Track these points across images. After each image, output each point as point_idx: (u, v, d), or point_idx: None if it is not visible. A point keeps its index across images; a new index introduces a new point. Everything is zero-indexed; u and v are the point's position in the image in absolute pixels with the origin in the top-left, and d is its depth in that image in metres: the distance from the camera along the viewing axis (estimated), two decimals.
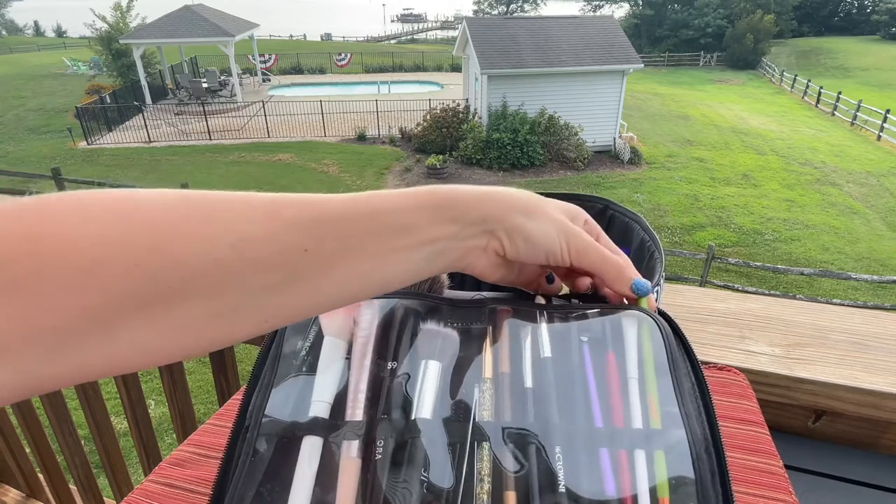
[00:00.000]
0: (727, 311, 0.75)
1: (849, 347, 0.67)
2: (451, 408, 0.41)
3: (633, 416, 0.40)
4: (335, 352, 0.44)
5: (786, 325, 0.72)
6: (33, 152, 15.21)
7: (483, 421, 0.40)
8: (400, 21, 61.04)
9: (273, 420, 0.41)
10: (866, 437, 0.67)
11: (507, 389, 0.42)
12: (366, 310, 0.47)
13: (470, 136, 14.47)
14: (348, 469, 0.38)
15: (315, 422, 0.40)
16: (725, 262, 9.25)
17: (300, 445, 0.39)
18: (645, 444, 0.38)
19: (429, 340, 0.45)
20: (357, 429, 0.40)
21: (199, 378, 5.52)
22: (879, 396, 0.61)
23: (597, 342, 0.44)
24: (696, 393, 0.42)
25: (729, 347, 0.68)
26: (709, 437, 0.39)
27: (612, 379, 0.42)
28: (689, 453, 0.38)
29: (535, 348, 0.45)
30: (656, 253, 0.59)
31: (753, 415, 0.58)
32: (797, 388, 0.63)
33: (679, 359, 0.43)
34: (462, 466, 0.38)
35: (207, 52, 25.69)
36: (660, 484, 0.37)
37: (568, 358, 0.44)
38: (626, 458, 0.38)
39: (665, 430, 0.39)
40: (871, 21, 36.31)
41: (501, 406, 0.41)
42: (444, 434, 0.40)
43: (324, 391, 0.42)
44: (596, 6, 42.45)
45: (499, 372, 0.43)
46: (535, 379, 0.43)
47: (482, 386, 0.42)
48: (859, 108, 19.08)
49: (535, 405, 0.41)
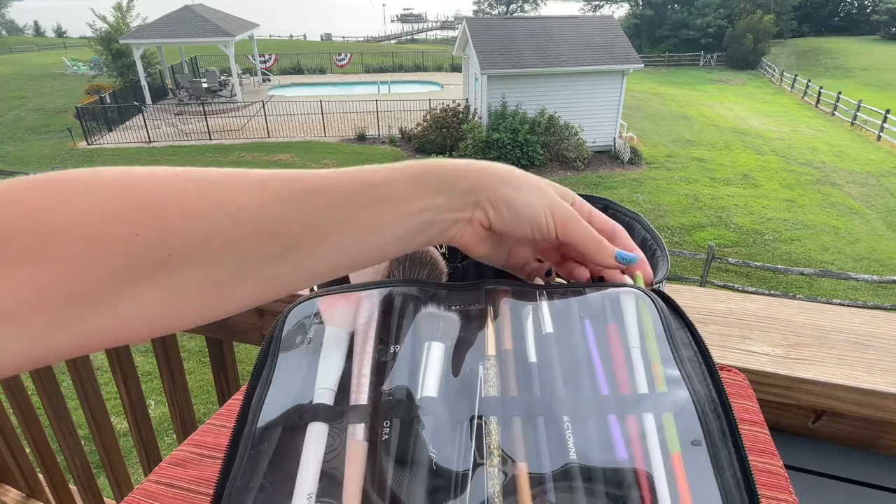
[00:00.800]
0: (727, 311, 0.75)
1: (849, 347, 0.67)
2: (457, 386, 0.41)
3: (639, 383, 0.40)
4: (337, 341, 0.45)
5: (786, 325, 0.72)
6: (33, 152, 15.21)
7: (489, 396, 0.40)
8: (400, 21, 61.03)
9: (276, 410, 0.40)
10: (866, 437, 0.67)
11: (511, 365, 0.42)
12: (366, 299, 0.47)
13: (470, 136, 14.47)
14: (355, 452, 0.38)
15: (319, 408, 0.40)
16: (725, 262, 9.24)
17: (305, 432, 0.39)
18: (653, 408, 0.38)
19: (430, 323, 0.45)
20: (362, 412, 0.40)
21: (199, 378, 5.52)
22: (879, 396, 0.61)
23: (597, 317, 0.45)
24: (699, 359, 0.42)
25: (729, 347, 0.68)
26: (715, 399, 0.39)
27: (614, 349, 0.43)
28: (696, 413, 0.38)
29: (537, 325, 0.45)
30: (658, 251, 0.59)
31: (753, 415, 0.58)
32: (797, 388, 0.64)
33: (679, 329, 0.44)
34: (471, 441, 0.38)
35: (207, 52, 25.70)
36: (671, 439, 0.37)
37: (570, 332, 0.44)
38: (635, 422, 0.38)
39: (671, 393, 0.39)
40: (871, 21, 36.31)
41: (507, 381, 0.41)
42: (451, 411, 0.40)
43: (327, 378, 0.42)
44: (596, 6, 42.44)
45: (502, 349, 0.43)
46: (539, 354, 0.43)
47: (486, 363, 0.42)
48: (859, 108, 19.08)
49: (541, 378, 0.41)
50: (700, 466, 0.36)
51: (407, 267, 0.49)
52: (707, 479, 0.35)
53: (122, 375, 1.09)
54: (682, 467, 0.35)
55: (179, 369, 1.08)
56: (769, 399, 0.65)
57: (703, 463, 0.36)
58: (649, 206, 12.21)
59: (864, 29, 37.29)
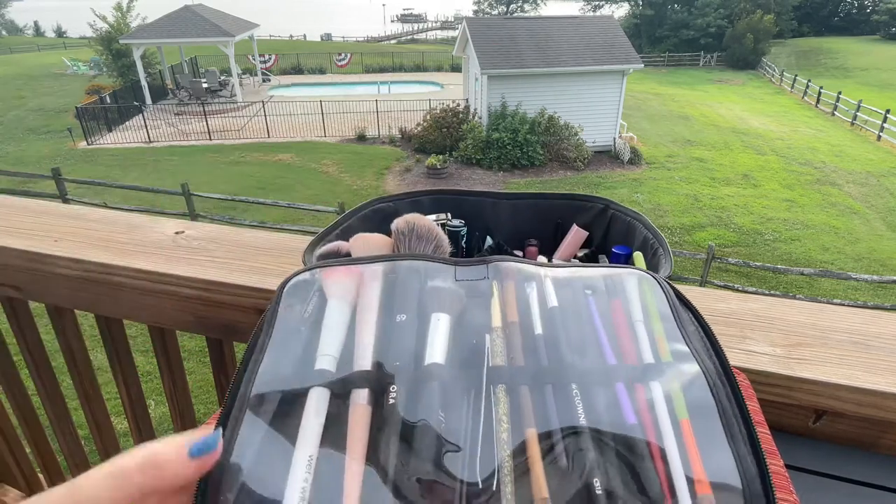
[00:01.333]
0: (728, 311, 0.75)
1: (850, 347, 0.67)
2: (463, 355, 0.41)
3: (644, 353, 0.41)
4: (339, 312, 0.44)
5: (787, 325, 0.72)
6: (33, 152, 15.20)
7: (497, 366, 0.40)
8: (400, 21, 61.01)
9: (275, 375, 0.39)
10: (867, 437, 0.67)
11: (517, 336, 0.42)
12: (369, 272, 0.47)
13: (470, 136, 14.46)
14: (359, 415, 0.37)
15: (321, 374, 0.39)
16: (725, 262, 9.24)
17: (305, 398, 0.38)
18: (659, 376, 0.39)
19: (436, 296, 0.45)
20: (366, 377, 0.39)
21: (199, 378, 5.52)
22: (880, 396, 0.61)
23: (600, 293, 0.45)
24: (702, 334, 0.43)
25: (730, 347, 0.68)
26: (720, 369, 0.39)
27: (619, 322, 0.43)
28: (704, 381, 0.38)
29: (542, 299, 0.45)
30: (660, 250, 0.59)
31: (754, 414, 0.58)
32: (798, 388, 0.63)
33: (680, 308, 0.44)
34: (479, 408, 0.37)
35: (207, 52, 25.69)
36: (678, 407, 0.37)
37: (574, 307, 0.44)
38: (643, 391, 0.38)
39: (676, 363, 0.39)
40: (871, 21, 36.30)
41: (513, 352, 0.41)
42: (458, 379, 0.39)
43: (328, 346, 0.41)
44: (596, 6, 42.41)
45: (508, 321, 0.44)
46: (544, 326, 0.43)
47: (492, 335, 0.42)
48: (859, 108, 19.07)
49: (548, 349, 0.41)
50: (710, 434, 0.35)
51: (413, 242, 0.49)
52: (719, 446, 0.35)
53: (122, 375, 1.09)
54: (693, 434, 0.35)
55: (179, 369, 1.08)
56: (770, 399, 0.65)
57: (715, 431, 0.36)
58: (649, 206, 12.21)
59: (864, 29, 37.27)
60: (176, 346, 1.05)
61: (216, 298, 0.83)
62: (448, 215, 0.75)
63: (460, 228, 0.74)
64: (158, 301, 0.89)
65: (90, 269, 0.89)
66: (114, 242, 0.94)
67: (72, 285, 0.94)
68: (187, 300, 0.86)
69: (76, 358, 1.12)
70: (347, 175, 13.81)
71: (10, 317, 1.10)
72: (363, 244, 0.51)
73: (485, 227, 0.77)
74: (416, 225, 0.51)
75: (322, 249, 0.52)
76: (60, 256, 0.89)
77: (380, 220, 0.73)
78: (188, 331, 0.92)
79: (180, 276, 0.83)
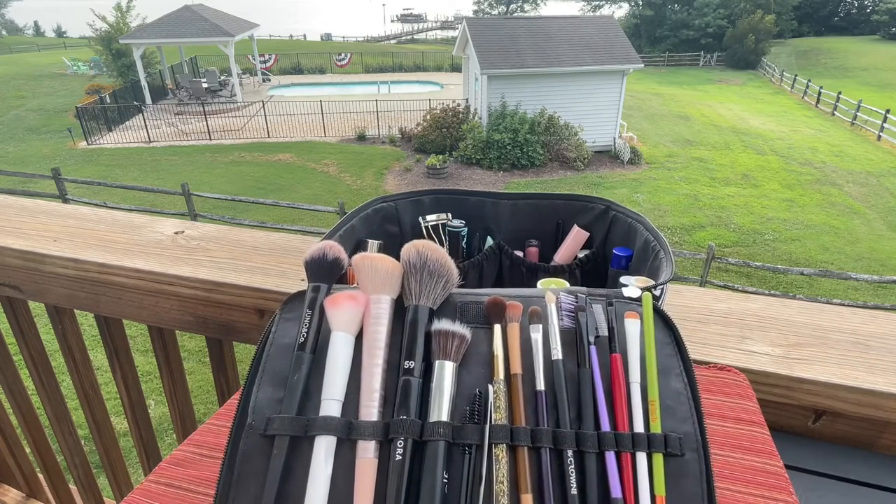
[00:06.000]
0: (728, 311, 0.75)
1: (849, 347, 0.67)
2: (466, 408, 0.42)
3: (636, 420, 0.43)
4: (344, 347, 0.44)
5: (786, 325, 0.72)
6: (33, 152, 15.19)
7: (498, 424, 0.41)
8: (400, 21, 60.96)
9: (279, 417, 0.40)
10: (866, 437, 0.67)
11: (519, 391, 0.43)
12: (375, 305, 0.46)
13: (470, 136, 14.46)
14: (365, 469, 0.38)
15: (327, 421, 0.40)
16: (725, 262, 9.24)
17: (312, 444, 0.39)
18: (646, 447, 0.41)
19: (442, 340, 0.45)
20: (373, 429, 0.40)
21: (199, 378, 5.52)
22: (879, 396, 0.61)
23: (602, 342, 0.46)
24: (689, 395, 0.44)
25: (729, 347, 0.68)
26: (699, 439, 0.42)
27: (617, 382, 0.44)
28: (683, 455, 0.41)
29: (546, 349, 0.46)
30: (661, 253, 0.59)
31: (754, 415, 0.58)
32: (797, 388, 0.63)
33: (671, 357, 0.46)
34: (481, 468, 0.39)
35: (207, 52, 25.67)
36: (658, 485, 0.40)
37: (576, 361, 0.45)
38: (629, 461, 0.41)
39: (664, 434, 0.42)
40: (871, 21, 36.27)
41: (515, 409, 0.43)
42: (461, 435, 0.41)
43: (335, 388, 0.42)
44: (596, 6, 42.38)
45: (511, 373, 0.44)
46: (546, 381, 0.44)
47: (495, 386, 0.43)
48: (859, 108, 19.06)
49: (548, 409, 0.43)
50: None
51: (424, 279, 0.48)
52: None
53: (122, 375, 1.09)
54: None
55: (179, 369, 1.08)
56: (769, 399, 0.65)
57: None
58: (649, 206, 12.20)
59: (864, 29, 37.25)
60: (176, 346, 1.05)
61: (215, 298, 0.83)
62: (448, 215, 0.75)
63: (461, 229, 0.74)
64: (158, 301, 0.89)
65: (89, 269, 0.89)
66: (113, 242, 0.94)
67: (71, 285, 0.94)
68: (187, 300, 0.86)
69: (76, 358, 1.12)
70: (347, 175, 13.81)
71: (10, 317, 1.10)
72: (370, 269, 0.48)
73: (485, 227, 0.77)
74: (429, 259, 0.48)
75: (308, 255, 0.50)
76: (59, 256, 0.89)
77: (381, 220, 0.73)
78: (188, 331, 0.92)
79: (180, 276, 0.84)
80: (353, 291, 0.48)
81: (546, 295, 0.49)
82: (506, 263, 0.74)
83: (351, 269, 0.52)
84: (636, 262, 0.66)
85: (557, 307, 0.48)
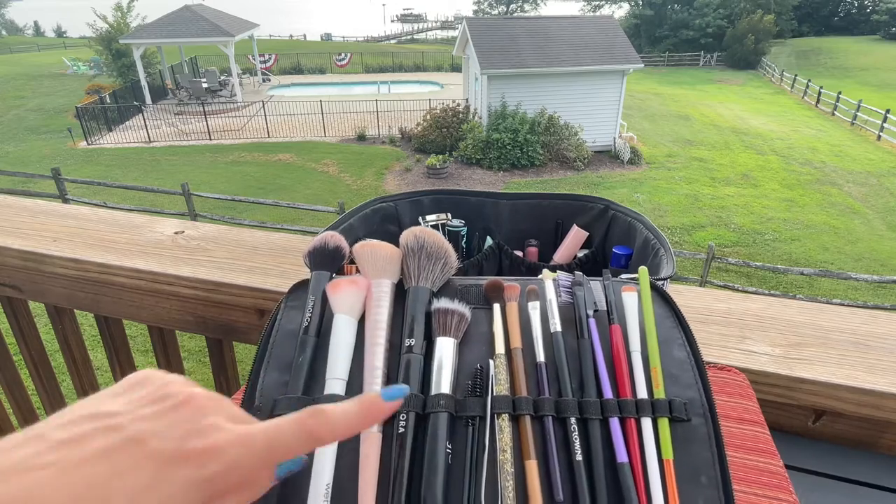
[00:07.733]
0: (728, 310, 0.75)
1: (849, 347, 0.67)
2: (468, 382, 0.43)
3: (639, 387, 0.43)
4: (347, 329, 0.45)
5: (786, 325, 0.72)
6: (33, 152, 15.19)
7: (500, 395, 0.41)
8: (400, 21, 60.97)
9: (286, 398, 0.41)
10: (866, 437, 0.67)
11: (520, 364, 0.44)
12: (376, 288, 0.47)
13: (470, 136, 14.45)
14: (370, 443, 0.39)
15: (332, 399, 0.40)
16: (725, 262, 9.24)
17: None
18: (650, 412, 0.41)
19: (442, 318, 0.46)
20: None
21: (199, 378, 5.52)
22: (879, 396, 0.61)
23: (601, 316, 0.47)
24: (692, 362, 0.45)
25: (729, 347, 0.68)
26: (706, 404, 0.42)
27: (617, 352, 0.45)
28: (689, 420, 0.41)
29: (545, 323, 0.46)
30: (662, 251, 0.59)
31: (754, 415, 0.58)
32: (797, 388, 0.63)
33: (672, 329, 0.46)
34: (484, 438, 0.39)
35: (207, 52, 25.67)
36: (665, 448, 0.39)
37: (576, 332, 0.46)
38: (634, 427, 0.41)
39: (668, 399, 0.42)
40: (871, 21, 36.26)
41: (516, 381, 0.43)
42: (464, 407, 0.41)
43: (338, 368, 0.42)
44: (596, 6, 42.39)
45: (511, 347, 0.45)
46: (546, 354, 0.45)
47: (496, 360, 0.44)
48: (859, 108, 19.06)
49: (549, 379, 0.43)
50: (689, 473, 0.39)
51: (422, 261, 0.50)
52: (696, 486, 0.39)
53: (122, 375, 1.09)
54: (674, 476, 0.38)
55: (179, 369, 1.08)
56: (769, 399, 0.65)
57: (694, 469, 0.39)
58: (649, 206, 12.20)
59: (864, 29, 37.24)
60: (176, 346, 1.05)
61: (215, 298, 0.83)
62: (448, 215, 0.75)
63: (460, 229, 0.74)
64: (158, 301, 0.89)
65: (89, 269, 0.89)
66: (113, 242, 0.93)
67: (71, 285, 0.94)
68: (187, 300, 0.86)
69: (76, 358, 1.12)
70: (347, 175, 13.81)
71: (10, 317, 1.10)
72: (370, 255, 0.49)
73: (485, 227, 0.77)
74: (426, 242, 0.50)
75: (309, 245, 0.52)
76: (59, 256, 0.89)
77: (380, 220, 0.73)
78: (188, 331, 0.92)
79: (180, 277, 0.83)
80: (354, 277, 0.49)
81: (543, 272, 0.51)
82: (505, 263, 0.74)
83: (349, 265, 0.53)
84: (636, 260, 0.66)
85: (555, 285, 0.48)
